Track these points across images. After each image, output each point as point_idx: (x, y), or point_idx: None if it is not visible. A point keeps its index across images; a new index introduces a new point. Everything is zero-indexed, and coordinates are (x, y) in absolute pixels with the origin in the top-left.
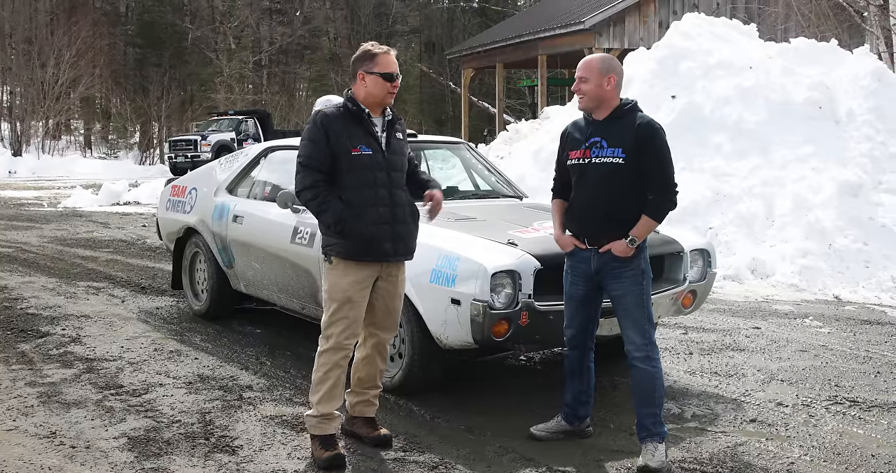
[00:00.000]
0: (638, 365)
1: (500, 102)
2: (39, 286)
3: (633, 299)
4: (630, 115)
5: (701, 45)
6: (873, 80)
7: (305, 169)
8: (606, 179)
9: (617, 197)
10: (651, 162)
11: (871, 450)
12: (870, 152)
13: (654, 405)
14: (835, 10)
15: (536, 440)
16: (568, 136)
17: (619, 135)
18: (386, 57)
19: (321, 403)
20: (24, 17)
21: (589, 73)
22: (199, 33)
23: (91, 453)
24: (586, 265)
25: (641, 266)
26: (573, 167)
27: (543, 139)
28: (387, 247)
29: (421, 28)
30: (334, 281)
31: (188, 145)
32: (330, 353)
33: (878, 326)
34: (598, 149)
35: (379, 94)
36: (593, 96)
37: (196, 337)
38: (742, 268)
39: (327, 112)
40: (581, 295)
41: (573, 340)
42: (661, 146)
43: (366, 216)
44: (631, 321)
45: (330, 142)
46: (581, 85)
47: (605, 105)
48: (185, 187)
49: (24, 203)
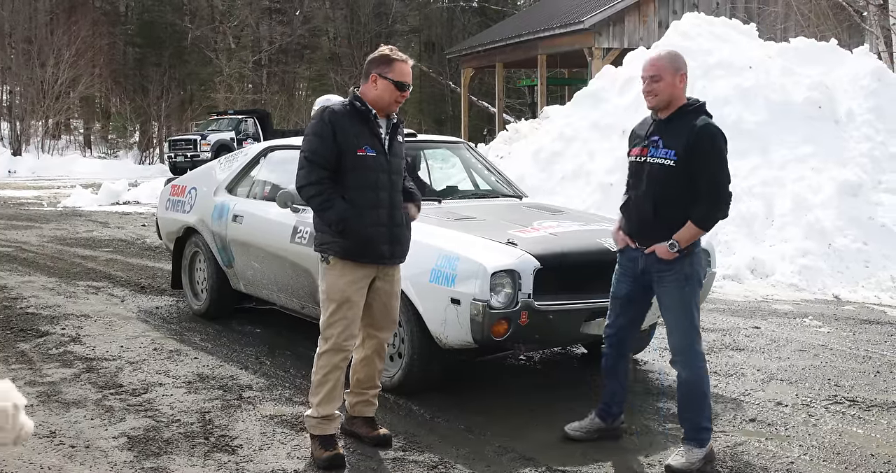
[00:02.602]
0: (677, 370)
1: (500, 102)
2: (39, 285)
3: (673, 302)
4: (691, 116)
5: (700, 44)
6: (873, 80)
7: (310, 164)
8: (657, 180)
9: (666, 199)
10: (701, 167)
11: (871, 450)
12: (869, 152)
13: (691, 410)
14: (834, 9)
15: (572, 440)
16: (633, 133)
17: (676, 135)
18: (403, 66)
19: (322, 404)
20: (23, 16)
21: (661, 71)
22: (199, 33)
23: (91, 452)
24: (634, 264)
25: (685, 270)
26: (631, 164)
27: (543, 139)
28: (384, 250)
29: (420, 27)
30: (332, 281)
31: (188, 145)
32: (329, 355)
33: (877, 326)
34: (654, 149)
35: (387, 100)
36: (666, 96)
37: (196, 336)
38: (742, 268)
39: (335, 109)
40: (625, 294)
41: (610, 339)
42: (713, 152)
43: (366, 217)
44: (672, 324)
45: (337, 140)
46: (654, 84)
47: (675, 101)
48: (185, 187)
49: (24, 202)
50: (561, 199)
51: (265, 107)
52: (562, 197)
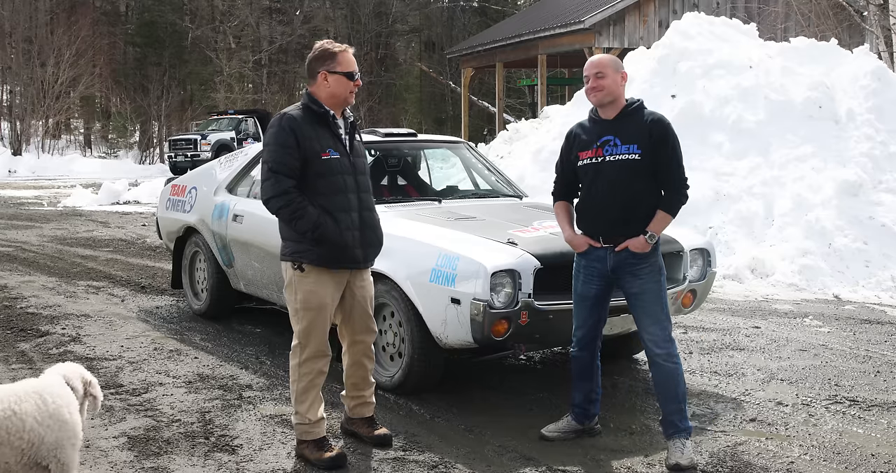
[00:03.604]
0: (660, 363)
1: (500, 102)
2: (39, 285)
3: (651, 296)
4: (638, 113)
5: (701, 44)
6: (873, 80)
7: (276, 175)
8: (623, 176)
9: (634, 193)
10: (666, 157)
11: (871, 449)
12: (869, 152)
13: (679, 401)
14: (835, 9)
15: (548, 440)
16: (575, 137)
17: (632, 132)
18: (346, 55)
19: (311, 411)
20: (24, 16)
21: (604, 68)
22: (199, 32)
23: (91, 452)
24: (601, 264)
25: (658, 262)
26: (585, 167)
27: (543, 138)
28: (357, 254)
29: (421, 27)
30: (309, 289)
31: (188, 144)
32: (312, 361)
33: (877, 325)
34: (611, 147)
35: (342, 94)
36: (611, 91)
37: (196, 336)
38: (742, 268)
39: (293, 114)
40: (594, 294)
41: (583, 341)
42: (674, 141)
43: (339, 222)
44: (650, 318)
45: (300, 147)
46: (599, 80)
47: (617, 102)
48: (185, 186)
49: (24, 202)
50: None
51: (265, 107)
52: None
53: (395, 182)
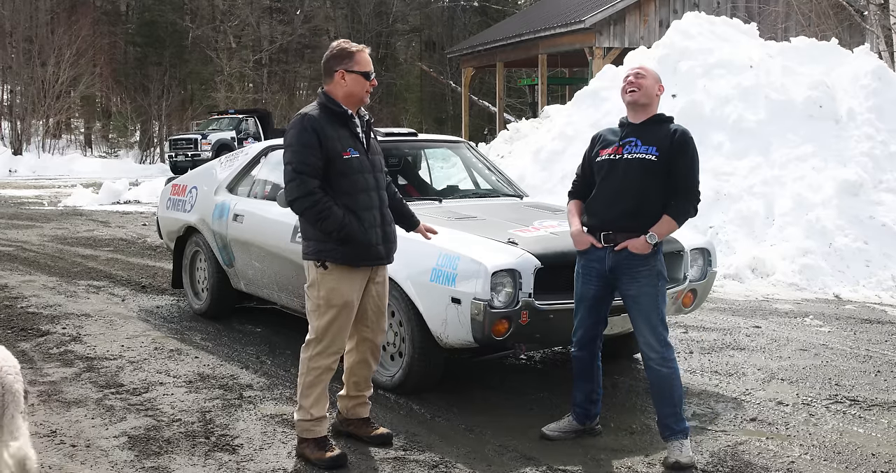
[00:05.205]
0: (654, 367)
1: (501, 101)
2: (40, 285)
3: (647, 299)
4: (666, 124)
5: (701, 44)
6: (873, 80)
7: (300, 176)
8: (636, 173)
9: (643, 191)
10: (683, 166)
11: (872, 449)
12: (870, 151)
13: (674, 404)
14: (835, 9)
15: (548, 440)
16: (600, 138)
17: (655, 137)
18: (363, 54)
19: (315, 406)
20: (24, 15)
21: (646, 71)
22: (200, 32)
23: (91, 452)
24: (600, 264)
25: (658, 266)
26: (602, 163)
27: (544, 138)
28: (381, 250)
29: (421, 27)
30: (333, 286)
31: (188, 144)
32: (324, 357)
33: (878, 325)
34: (631, 147)
35: (359, 93)
36: (647, 92)
37: (196, 335)
38: (742, 267)
39: (313, 115)
40: (593, 295)
41: (582, 341)
42: (693, 152)
43: (364, 220)
44: (645, 322)
45: (323, 147)
46: (639, 80)
47: (650, 108)
48: (186, 186)
49: (25, 202)
50: (561, 199)
51: (266, 107)
52: (562, 196)
53: (395, 181)
